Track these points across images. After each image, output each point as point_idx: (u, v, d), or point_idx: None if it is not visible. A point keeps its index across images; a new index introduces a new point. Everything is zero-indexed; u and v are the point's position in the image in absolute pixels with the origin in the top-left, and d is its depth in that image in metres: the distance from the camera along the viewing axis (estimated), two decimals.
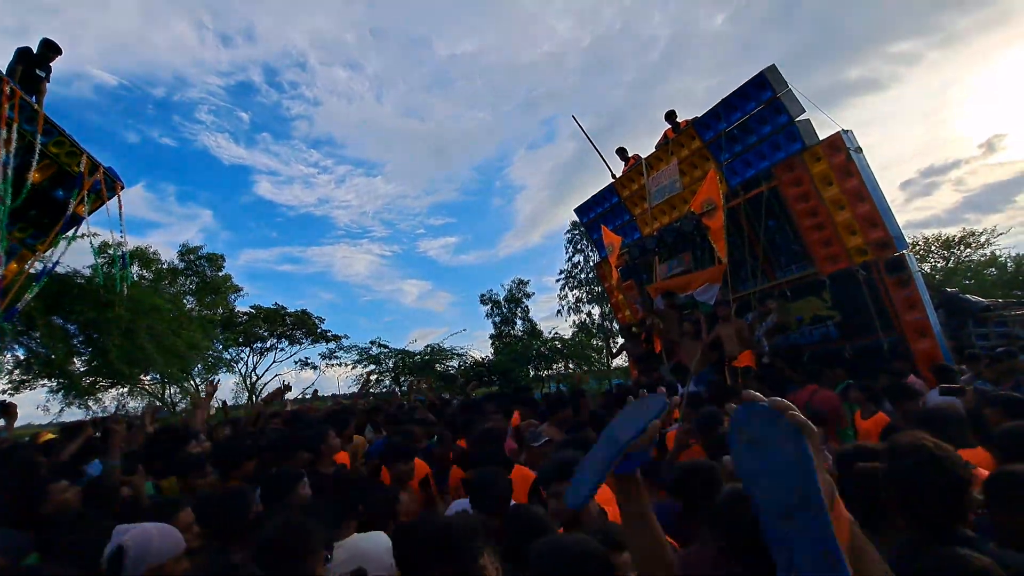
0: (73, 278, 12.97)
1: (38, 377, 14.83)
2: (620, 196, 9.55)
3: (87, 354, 14.74)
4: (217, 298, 21.98)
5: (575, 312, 26.98)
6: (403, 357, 19.60)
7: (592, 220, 10.48)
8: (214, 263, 22.15)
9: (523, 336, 25.28)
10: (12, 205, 5.75)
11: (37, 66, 6.28)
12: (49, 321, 13.32)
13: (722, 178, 7.16)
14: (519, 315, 27.37)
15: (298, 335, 23.09)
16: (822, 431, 3.29)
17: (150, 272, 18.92)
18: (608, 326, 24.16)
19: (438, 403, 7.95)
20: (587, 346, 22.05)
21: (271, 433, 4.27)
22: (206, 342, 17.42)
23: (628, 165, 9.50)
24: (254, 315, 22.25)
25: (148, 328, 13.76)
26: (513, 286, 27.64)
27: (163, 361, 14.46)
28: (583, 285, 26.84)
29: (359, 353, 20.44)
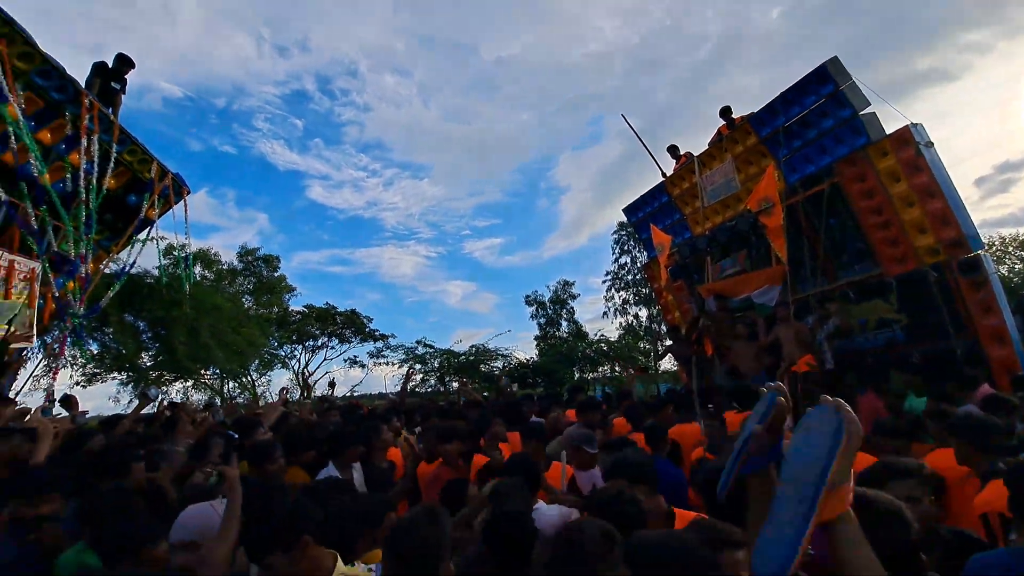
0: (143, 278, 13.83)
1: (109, 370, 15.95)
2: (670, 195, 9.28)
3: (154, 349, 15.75)
4: (272, 297, 22.94)
5: (622, 314, 26.50)
6: (448, 357, 19.82)
7: (641, 220, 10.25)
8: (270, 264, 23.17)
9: (568, 338, 25.05)
10: (91, 209, 6.17)
11: (113, 80, 6.71)
12: (121, 318, 14.32)
13: (780, 175, 6.83)
14: (564, 316, 27.19)
15: (347, 334, 23.73)
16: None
17: (212, 273, 20.00)
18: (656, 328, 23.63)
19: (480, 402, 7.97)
20: (634, 348, 21.56)
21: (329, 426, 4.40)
22: (263, 339, 18.24)
23: (679, 163, 9.23)
24: (307, 314, 23.04)
25: (210, 326, 14.55)
26: (558, 287, 27.51)
27: (224, 357, 15.26)
28: (630, 287, 26.33)
29: (405, 352, 20.84)
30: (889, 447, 2.97)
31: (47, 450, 3.11)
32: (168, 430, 4.18)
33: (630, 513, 1.91)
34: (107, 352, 15.10)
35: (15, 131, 5.05)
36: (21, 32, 5.01)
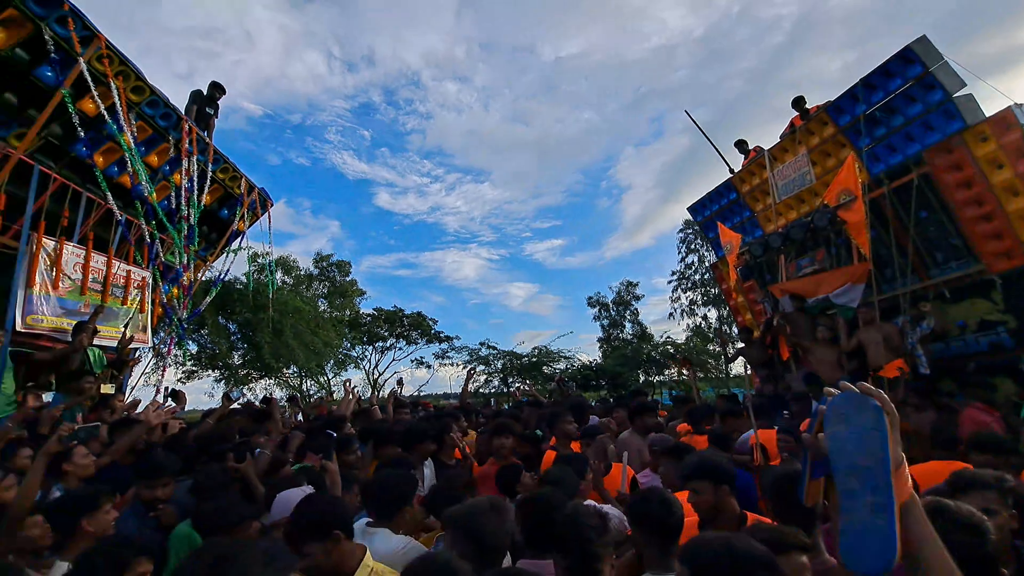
0: (233, 284, 15.10)
1: (206, 368, 17.53)
2: (739, 191, 8.91)
3: (243, 349, 17.13)
4: (345, 301, 24.23)
5: (689, 315, 25.54)
6: (511, 358, 20.06)
7: (708, 218, 9.90)
8: (342, 269, 24.53)
9: (632, 340, 24.58)
10: (192, 223, 6.84)
11: (207, 105, 7.40)
12: (215, 321, 15.73)
13: (862, 166, 6.38)
14: (628, 318, 26.66)
15: (414, 335, 24.62)
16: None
17: (291, 278, 21.43)
18: (726, 330, 22.69)
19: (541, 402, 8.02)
20: (702, 351, 20.72)
21: (404, 423, 4.64)
22: (338, 340, 19.36)
23: (748, 158, 8.84)
24: (376, 316, 24.15)
25: (292, 327, 15.65)
26: (622, 288, 27.02)
27: (304, 357, 16.36)
28: (697, 287, 25.38)
29: (469, 354, 21.33)
30: (989, 463, 2.67)
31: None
32: (261, 422, 4.58)
33: (671, 521, 1.90)
34: (204, 352, 16.60)
35: (129, 157, 5.70)
36: (134, 69, 5.65)
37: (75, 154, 5.61)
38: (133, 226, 6.33)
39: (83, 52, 5.05)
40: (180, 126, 6.46)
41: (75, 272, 5.69)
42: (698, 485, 2.23)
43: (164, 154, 6.50)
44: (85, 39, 5.07)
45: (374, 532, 2.17)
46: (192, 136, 6.68)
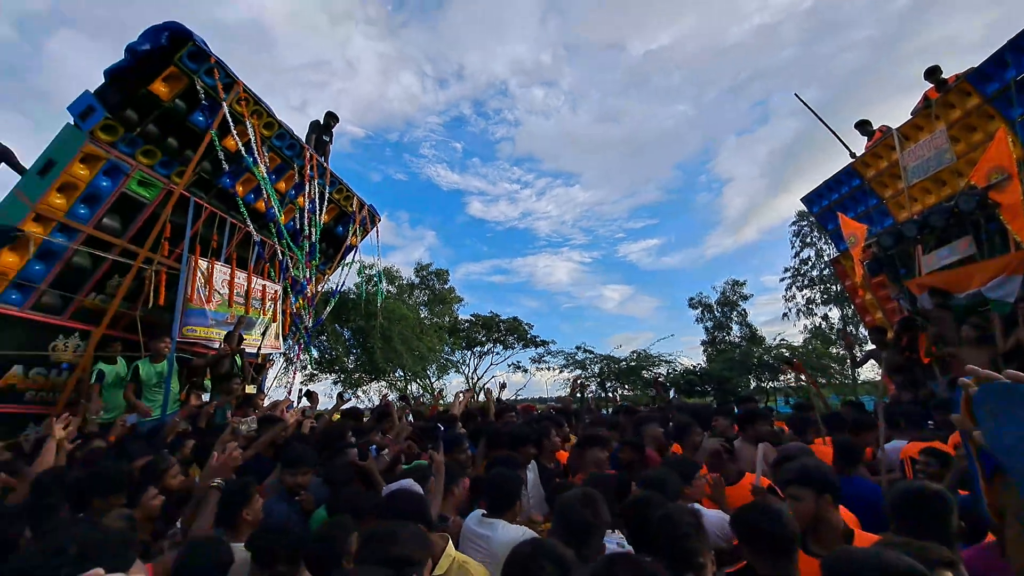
0: (347, 294, 16.45)
1: (324, 371, 19.21)
2: (863, 177, 8.04)
3: (356, 354, 18.58)
4: (444, 308, 25.36)
5: (806, 315, 23.35)
6: (608, 362, 19.72)
7: (826, 208, 9.05)
8: (441, 277, 25.71)
9: (740, 342, 23.00)
10: (313, 241, 7.58)
11: (324, 133, 8.18)
12: (333, 328, 17.24)
13: (1016, 139, 5.48)
14: (735, 319, 24.97)
15: (510, 340, 25.12)
16: None
17: (394, 287, 22.87)
18: (852, 331, 20.44)
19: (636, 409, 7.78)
20: (823, 355, 18.81)
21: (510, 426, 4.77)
22: (440, 346, 20.30)
23: (872, 140, 7.95)
24: (474, 322, 25.00)
25: (399, 334, 16.71)
26: (726, 288, 25.38)
27: (411, 361, 17.40)
28: (815, 284, 23.09)
29: (566, 358, 21.30)
30: None
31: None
32: (380, 421, 4.96)
33: (782, 534, 1.78)
34: (324, 356, 18.25)
35: (263, 185, 6.46)
36: (265, 108, 6.41)
37: (221, 185, 6.47)
38: (266, 245, 7.16)
39: (226, 97, 5.82)
40: (303, 154, 7.20)
41: (223, 288, 6.55)
42: (799, 492, 2.08)
43: (290, 180, 7.28)
44: (227, 86, 5.85)
45: (492, 522, 2.34)
46: (312, 162, 7.42)
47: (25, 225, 4.90)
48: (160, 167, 5.76)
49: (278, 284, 7.51)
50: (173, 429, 4.58)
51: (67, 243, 5.26)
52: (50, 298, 5.45)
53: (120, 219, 5.78)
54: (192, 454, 3.92)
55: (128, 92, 5.23)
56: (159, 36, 5.09)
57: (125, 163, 5.38)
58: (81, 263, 5.55)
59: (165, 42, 5.12)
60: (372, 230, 9.27)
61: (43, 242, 5.07)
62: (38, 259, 5.14)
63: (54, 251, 5.22)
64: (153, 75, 5.24)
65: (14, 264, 4.97)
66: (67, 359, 5.55)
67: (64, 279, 5.46)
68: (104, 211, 5.47)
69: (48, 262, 5.24)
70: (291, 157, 7.06)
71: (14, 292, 5.11)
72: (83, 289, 5.64)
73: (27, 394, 5.25)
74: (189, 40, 5.28)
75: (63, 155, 5.02)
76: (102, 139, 5.14)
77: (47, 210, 5.02)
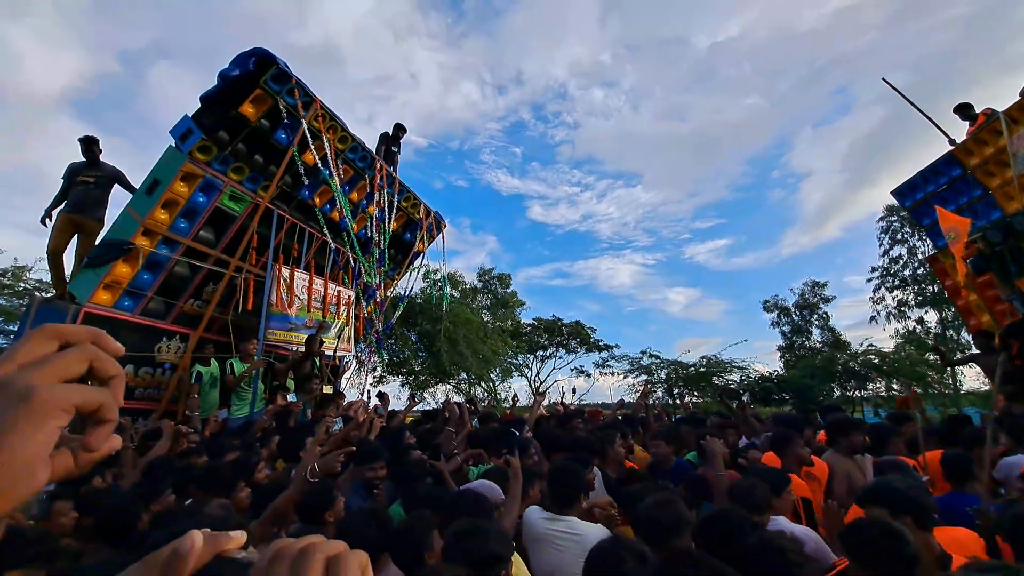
0: (414, 299, 16.99)
1: (393, 373, 19.89)
2: (965, 166, 7.28)
3: (423, 357, 19.11)
4: (506, 312, 25.55)
5: (897, 318, 21.29)
6: (676, 368, 19.04)
7: (920, 202, 8.28)
8: (503, 282, 25.95)
9: (822, 348, 21.43)
10: (383, 248, 7.88)
11: (392, 144, 8.50)
12: (401, 332, 17.86)
13: None
14: (815, 323, 23.28)
15: (573, 344, 24.88)
16: None
17: (458, 292, 23.33)
18: (952, 336, 18.48)
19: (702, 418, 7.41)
20: (918, 362, 17.11)
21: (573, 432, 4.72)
22: (504, 349, 20.46)
23: (975, 125, 7.19)
24: (536, 326, 24.99)
25: (464, 337, 17.03)
26: (806, 289, 23.70)
27: (476, 364, 17.67)
28: (908, 284, 21.01)
29: (630, 363, 20.78)
30: None
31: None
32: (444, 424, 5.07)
33: (904, 553, 1.63)
34: (392, 359, 18.93)
35: (338, 196, 6.80)
36: (340, 123, 6.76)
37: (300, 197, 6.89)
38: (340, 253, 7.54)
39: (305, 115, 6.20)
40: (373, 165, 7.52)
41: (302, 293, 6.96)
42: (875, 512, 1.98)
43: (362, 190, 7.62)
44: (306, 104, 6.23)
45: (568, 519, 2.39)
46: (383, 173, 7.74)
47: (135, 239, 5.46)
48: (248, 182, 6.22)
49: (351, 290, 7.89)
50: (261, 426, 4.93)
51: (170, 254, 5.80)
52: (155, 304, 6.03)
53: (214, 231, 6.30)
54: (278, 450, 4.18)
55: (220, 114, 5.71)
56: (247, 61, 5.51)
57: (218, 180, 5.86)
58: (182, 272, 6.10)
59: (252, 67, 5.54)
60: (438, 236, 9.52)
61: (150, 254, 5.62)
62: (146, 269, 5.70)
63: (159, 261, 5.77)
64: (242, 97, 5.68)
65: (127, 274, 5.56)
66: (169, 359, 6.12)
67: (167, 287, 6.02)
68: (201, 224, 5.99)
69: (154, 272, 5.80)
70: (363, 168, 7.40)
71: (127, 299, 5.70)
72: (183, 296, 6.20)
73: (136, 391, 5.83)
74: (273, 64, 5.68)
75: (166, 174, 5.54)
76: (199, 158, 5.62)
77: (153, 225, 5.56)
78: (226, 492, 2.84)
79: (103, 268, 5.42)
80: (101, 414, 0.43)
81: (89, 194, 5.66)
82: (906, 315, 21.06)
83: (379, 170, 7.64)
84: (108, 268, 5.41)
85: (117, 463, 3.54)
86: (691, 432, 4.83)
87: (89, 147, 5.76)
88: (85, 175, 5.69)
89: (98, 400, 0.42)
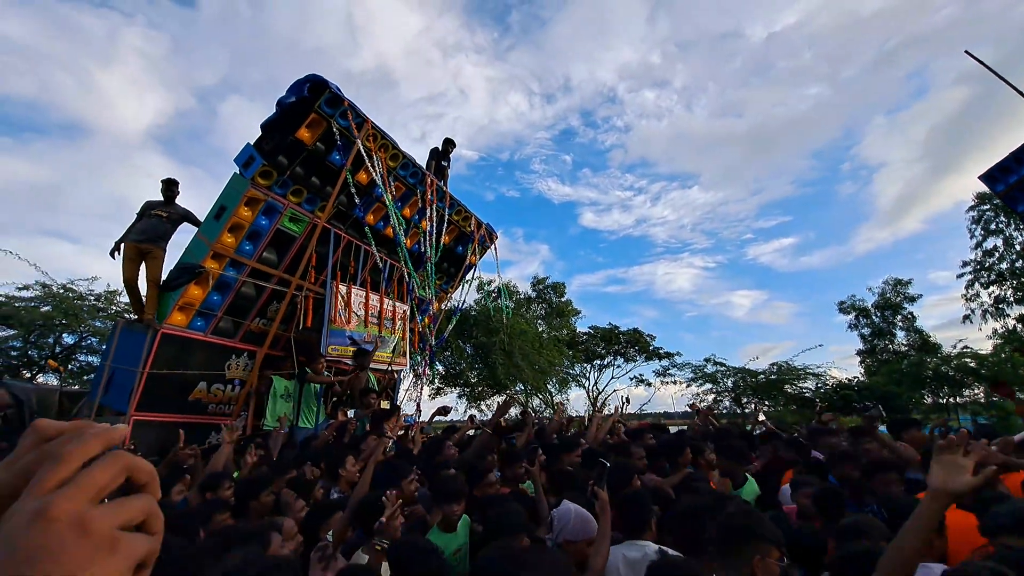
0: (468, 311, 17.11)
1: (449, 385, 20.07)
2: None
3: (478, 368, 19.17)
4: (562, 321, 25.23)
5: (995, 316, 19.05)
6: (743, 376, 18.05)
7: (1013, 186, 7.42)
8: (557, 290, 25.66)
9: (908, 351, 19.62)
10: (434, 262, 7.95)
11: (442, 159, 8.61)
12: (456, 344, 18.02)
13: None
14: (899, 324, 21.35)
15: (632, 352, 24.20)
16: None
17: (512, 302, 23.30)
18: None
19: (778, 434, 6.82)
20: (1021, 364, 15.31)
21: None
22: (560, 359, 20.19)
23: None
24: (592, 335, 24.52)
25: (520, 348, 16.95)
26: (887, 288, 21.81)
27: (532, 375, 17.52)
28: (1005, 279, 18.78)
29: (693, 371, 19.93)
30: None
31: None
32: None
33: None
34: (448, 371, 19.13)
35: (391, 212, 6.93)
36: (391, 141, 6.91)
37: (355, 216, 7.08)
38: (395, 268, 7.67)
39: (358, 136, 6.37)
40: (424, 180, 7.63)
41: (359, 309, 7.11)
42: (1017, 543, 1.76)
43: (414, 206, 7.74)
44: (358, 125, 6.40)
45: (643, 544, 2.31)
46: (433, 188, 7.83)
47: (205, 262, 5.77)
48: (306, 204, 6.45)
49: (406, 304, 7.99)
50: (324, 439, 5.04)
51: (237, 276, 6.09)
52: (225, 323, 6.34)
53: (276, 252, 6.57)
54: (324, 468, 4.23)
55: (279, 140, 5.96)
56: (302, 88, 5.74)
57: (279, 203, 6.11)
58: (248, 292, 6.39)
59: (307, 92, 5.76)
60: (490, 248, 9.52)
61: (219, 276, 5.92)
62: (215, 291, 6.01)
63: (227, 283, 6.07)
64: (298, 123, 5.91)
65: (199, 296, 5.88)
66: (238, 376, 6.40)
67: (235, 306, 6.32)
68: (264, 246, 6.26)
69: (223, 293, 6.11)
70: (414, 184, 7.51)
71: (199, 319, 6.03)
72: (250, 315, 6.49)
73: (209, 407, 6.13)
74: (326, 88, 5.87)
75: (231, 200, 5.84)
76: (260, 184, 5.89)
77: (221, 248, 5.86)
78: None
79: (177, 291, 5.77)
80: (147, 527, 0.39)
81: (159, 226, 6.05)
82: (1005, 312, 18.90)
83: (430, 185, 7.73)
84: (182, 291, 5.75)
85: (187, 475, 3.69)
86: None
87: (169, 187, 6.22)
88: (159, 210, 6.11)
89: (143, 511, 0.39)
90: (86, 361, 16.33)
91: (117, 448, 0.40)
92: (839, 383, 16.75)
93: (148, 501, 0.39)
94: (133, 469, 0.39)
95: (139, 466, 0.40)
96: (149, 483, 0.41)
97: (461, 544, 2.83)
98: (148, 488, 0.41)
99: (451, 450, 4.52)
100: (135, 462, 0.40)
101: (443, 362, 18.92)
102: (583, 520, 2.42)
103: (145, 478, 0.40)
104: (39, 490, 0.34)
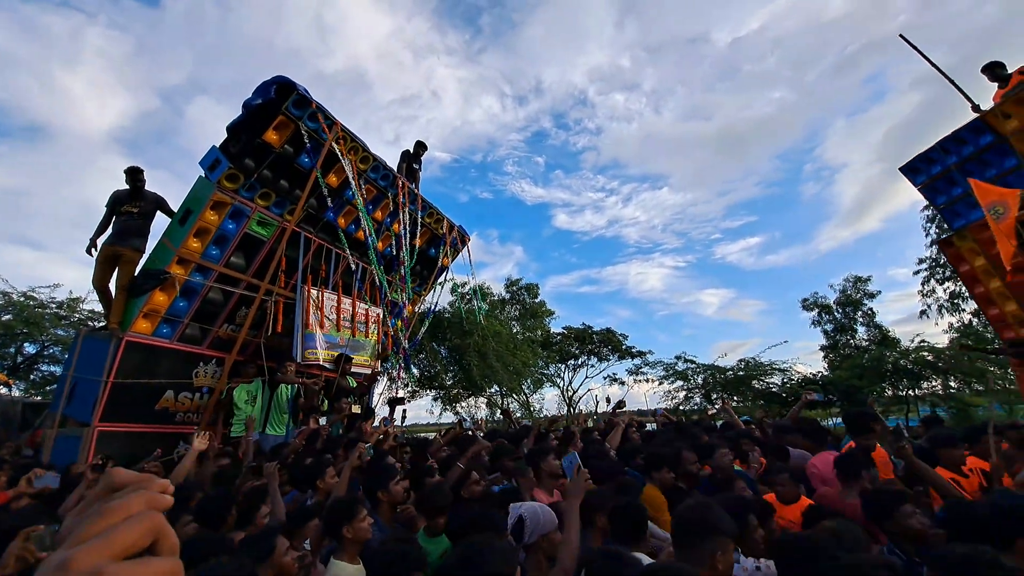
0: (441, 313, 17.06)
1: (424, 388, 19.94)
2: (997, 132, 6.53)
3: (453, 371, 19.13)
4: (535, 322, 25.35)
5: (951, 311, 19.75)
6: (713, 373, 18.52)
7: (936, 177, 7.52)
8: (531, 292, 25.78)
9: (869, 346, 20.37)
10: (408, 266, 7.93)
11: (414, 161, 8.59)
12: (430, 347, 17.94)
13: None
14: (860, 320, 22.14)
15: (605, 352, 24.50)
16: None
17: (486, 303, 23.32)
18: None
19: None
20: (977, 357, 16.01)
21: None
22: (534, 360, 20.31)
23: (1009, 86, 6.61)
24: (566, 335, 24.73)
25: (494, 350, 16.98)
26: (847, 285, 22.58)
27: (506, 376, 17.57)
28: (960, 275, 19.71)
29: (665, 369, 20.32)
30: None
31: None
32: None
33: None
34: (423, 374, 19.02)
35: (362, 215, 6.89)
36: (361, 144, 6.87)
37: (326, 219, 7.01)
38: (367, 272, 7.62)
39: (326, 137, 6.32)
40: (396, 183, 7.60)
41: (332, 313, 7.04)
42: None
43: (385, 209, 7.70)
44: (328, 126, 6.34)
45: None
46: (405, 190, 7.81)
47: (171, 268, 5.64)
48: (274, 207, 6.36)
49: (379, 307, 7.95)
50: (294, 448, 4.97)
51: (203, 281, 5.96)
52: (192, 330, 6.20)
53: (244, 256, 6.45)
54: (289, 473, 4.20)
55: (246, 142, 5.86)
56: (268, 90, 5.66)
57: (246, 206, 6.00)
58: (215, 298, 6.26)
59: (273, 94, 5.68)
60: (463, 250, 9.54)
61: (185, 282, 5.79)
62: (182, 297, 5.87)
63: (194, 288, 5.93)
64: (265, 125, 5.83)
65: (164, 302, 5.73)
66: (206, 384, 6.26)
67: (202, 313, 6.19)
68: (231, 251, 6.14)
69: (190, 299, 5.97)
70: (385, 187, 7.48)
71: (165, 326, 5.88)
72: (218, 321, 6.35)
73: (177, 415, 5.98)
74: (293, 89, 5.81)
75: (197, 204, 5.72)
76: (227, 187, 5.78)
77: (187, 253, 5.73)
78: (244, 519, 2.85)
79: (142, 298, 5.62)
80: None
81: (131, 224, 5.88)
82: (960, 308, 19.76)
83: (401, 188, 7.71)
84: (147, 297, 5.60)
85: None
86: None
87: (134, 177, 5.98)
88: (128, 206, 5.91)
89: (163, 574, 0.39)
90: (48, 371, 15.69)
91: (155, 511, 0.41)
92: (804, 378, 17.34)
93: (173, 564, 0.40)
94: (160, 534, 0.40)
95: (167, 532, 0.41)
96: (173, 549, 0.42)
97: (447, 547, 2.86)
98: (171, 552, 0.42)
99: (442, 452, 4.55)
100: (164, 528, 0.41)
101: (417, 365, 18.80)
102: (548, 512, 2.48)
103: (169, 544, 0.41)
104: (73, 541, 0.37)
